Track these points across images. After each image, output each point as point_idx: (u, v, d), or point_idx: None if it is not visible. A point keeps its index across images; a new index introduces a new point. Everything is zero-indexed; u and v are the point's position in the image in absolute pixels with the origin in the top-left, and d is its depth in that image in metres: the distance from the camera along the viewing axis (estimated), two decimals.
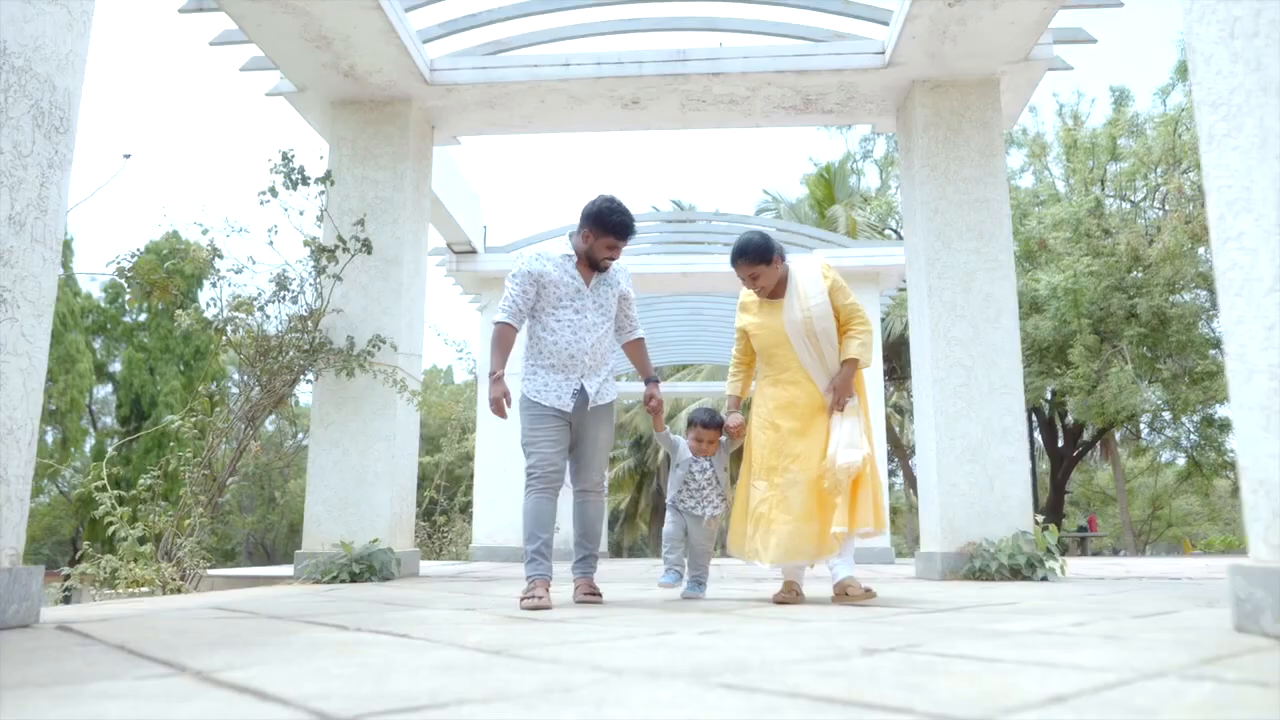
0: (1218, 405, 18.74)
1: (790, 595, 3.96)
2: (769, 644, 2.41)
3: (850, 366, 4.02)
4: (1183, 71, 18.12)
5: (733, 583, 5.82)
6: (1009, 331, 6.29)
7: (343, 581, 5.91)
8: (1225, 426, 20.57)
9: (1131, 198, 18.72)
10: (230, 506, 6.28)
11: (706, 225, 13.19)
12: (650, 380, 4.26)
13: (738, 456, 4.41)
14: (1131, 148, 18.03)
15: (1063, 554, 5.95)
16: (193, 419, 6.26)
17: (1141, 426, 22.94)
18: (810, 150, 55.72)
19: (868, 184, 24.55)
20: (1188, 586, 5.09)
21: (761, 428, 4.10)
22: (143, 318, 32.17)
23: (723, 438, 4.36)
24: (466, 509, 14.89)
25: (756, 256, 4.05)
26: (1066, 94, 24.33)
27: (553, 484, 4.01)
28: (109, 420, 33.73)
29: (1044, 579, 5.64)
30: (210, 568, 6.48)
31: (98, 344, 32.30)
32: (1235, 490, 29.28)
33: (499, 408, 3.92)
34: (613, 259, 4.12)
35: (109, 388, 33.59)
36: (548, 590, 3.80)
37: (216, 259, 6.52)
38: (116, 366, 32.81)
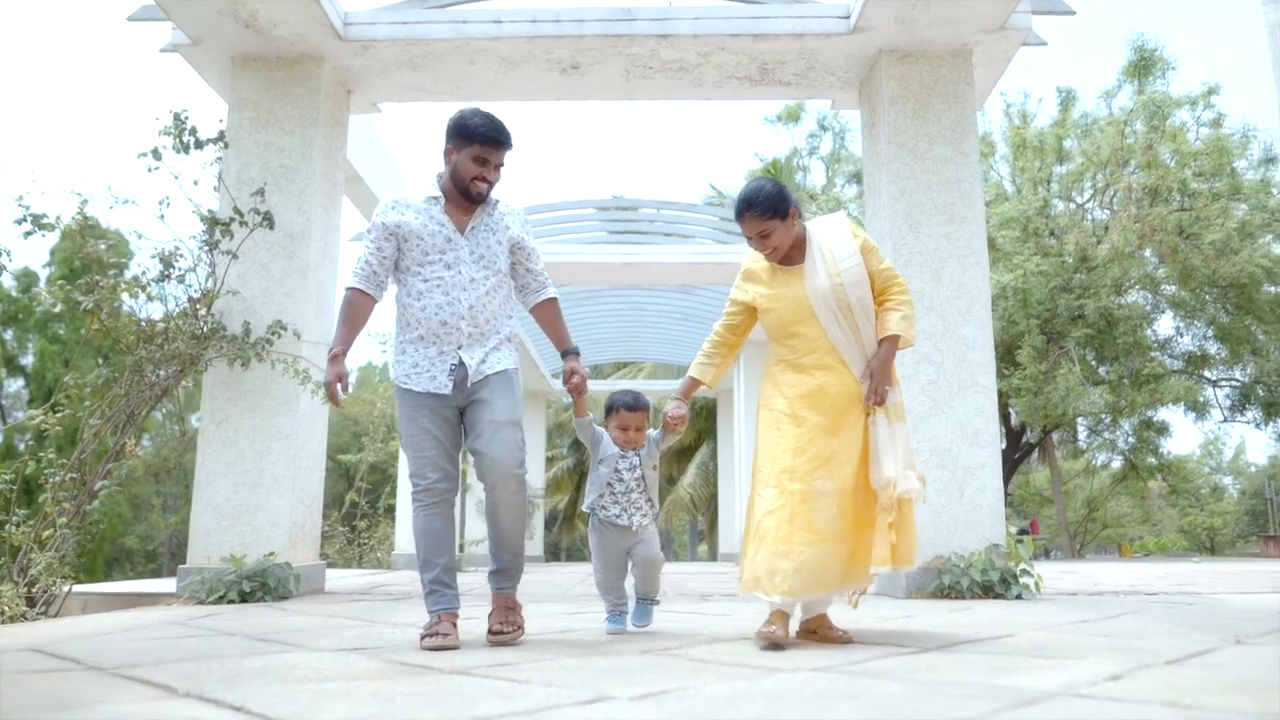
0: (1161, 408, 18.70)
1: (780, 634, 2.96)
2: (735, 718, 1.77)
3: (890, 345, 3.26)
4: (1131, 72, 18.01)
5: (674, 600, 5.17)
6: (981, 324, 5.74)
7: (231, 601, 5.15)
8: (1163, 429, 20.60)
9: (1077, 198, 18.58)
10: (99, 515, 5.44)
11: (653, 214, 12.53)
12: (568, 352, 3.38)
13: (680, 457, 3.66)
14: (1080, 148, 17.89)
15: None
16: (57, 414, 5.41)
17: (1080, 429, 22.93)
18: (756, 146, 55.51)
19: (814, 181, 24.16)
20: (1174, 606, 4.60)
21: (776, 423, 3.25)
22: (58, 309, 30.53)
23: (653, 431, 3.53)
24: (393, 511, 14.05)
25: (768, 208, 3.22)
26: (1014, 94, 24.20)
27: (442, 495, 3.21)
28: (20, 415, 32.01)
29: (1019, 597, 5.12)
30: (78, 582, 5.65)
31: (8, 335, 30.60)
32: (1170, 491, 29.62)
33: (331, 392, 3.12)
34: (485, 179, 3.23)
35: (20, 381, 31.88)
36: (455, 625, 3.10)
37: (88, 232, 5.68)
38: (29, 359, 31.12)
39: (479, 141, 3.19)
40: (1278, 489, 30.87)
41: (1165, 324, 19.13)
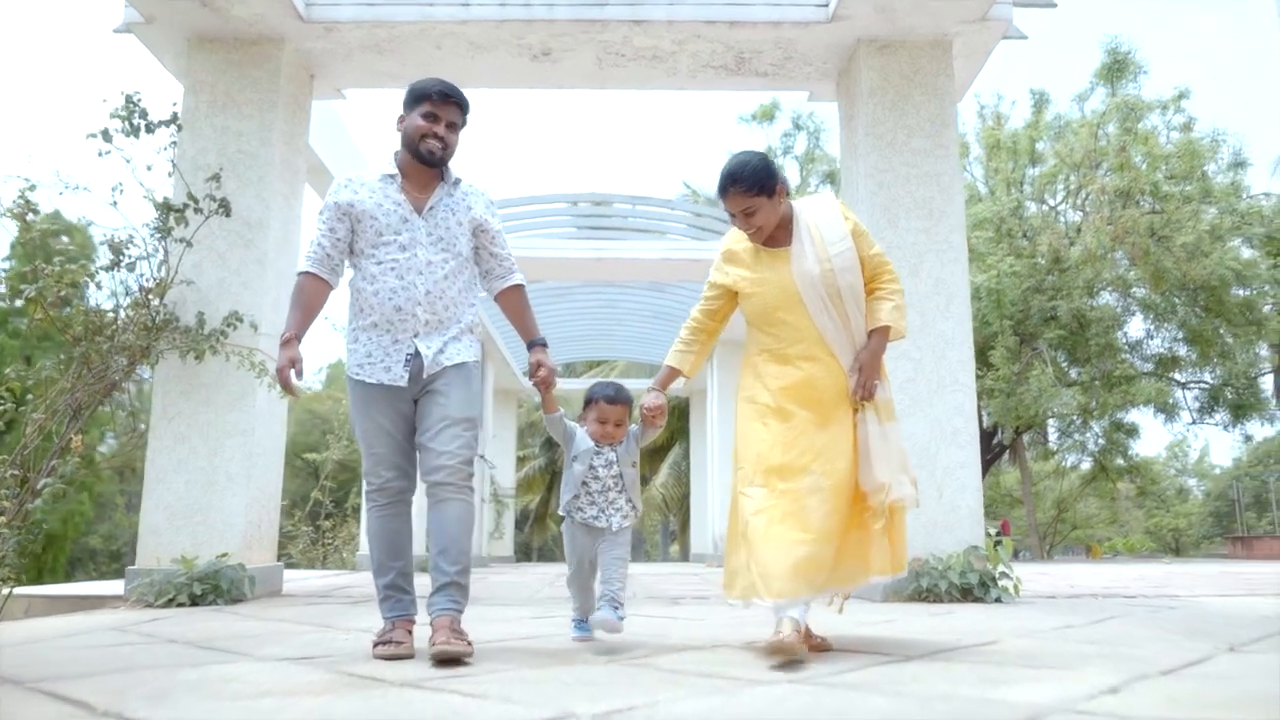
0: (1131, 409, 18.77)
1: (792, 646, 2.58)
2: None
3: (881, 337, 3.04)
4: (1104, 75, 18.07)
5: (644, 604, 4.99)
6: (960, 320, 5.61)
7: (181, 605, 4.91)
8: (1132, 431, 20.71)
9: (1050, 200, 18.61)
10: (43, 514, 5.17)
11: (627, 209, 12.35)
12: (535, 343, 3.14)
13: (653, 457, 3.40)
14: (1053, 150, 17.92)
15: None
16: None
17: (1051, 430, 23.01)
18: (730, 144, 55.51)
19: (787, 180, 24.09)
20: (1157, 610, 4.50)
21: (760, 416, 3.00)
22: (19, 303, 29.85)
23: (633, 426, 3.27)
24: (359, 510, 13.77)
25: (754, 184, 2.95)
26: (988, 95, 24.30)
27: (397, 495, 3.01)
28: None
29: (998, 600, 5.00)
30: (21, 584, 5.38)
31: None
32: (1139, 493, 29.87)
33: (283, 379, 2.87)
34: (436, 136, 3.00)
35: None
36: (410, 633, 2.90)
37: (44, 222, 5.42)
38: None
39: (428, 98, 3.00)
40: (1244, 490, 31.22)
41: (1136, 326, 19.23)
